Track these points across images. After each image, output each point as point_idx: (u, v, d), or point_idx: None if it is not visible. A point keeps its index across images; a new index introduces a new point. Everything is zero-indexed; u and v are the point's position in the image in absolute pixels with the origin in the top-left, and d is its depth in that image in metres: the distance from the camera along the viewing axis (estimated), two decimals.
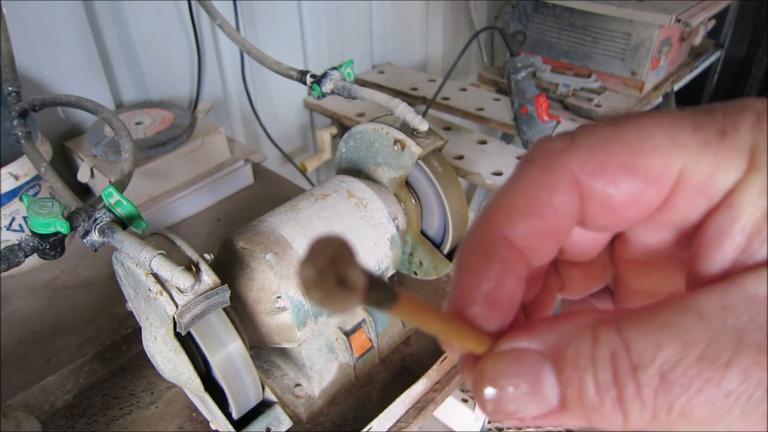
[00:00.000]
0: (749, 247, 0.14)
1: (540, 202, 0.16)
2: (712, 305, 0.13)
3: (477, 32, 1.02)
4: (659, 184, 0.15)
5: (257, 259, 0.46)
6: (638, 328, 0.13)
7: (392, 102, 0.53)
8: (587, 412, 0.14)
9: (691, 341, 0.13)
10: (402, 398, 0.52)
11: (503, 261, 0.16)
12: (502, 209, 0.17)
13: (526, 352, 0.15)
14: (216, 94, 1.04)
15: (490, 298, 0.16)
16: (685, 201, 0.16)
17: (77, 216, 0.41)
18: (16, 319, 0.64)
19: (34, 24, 0.75)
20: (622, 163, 0.15)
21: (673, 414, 0.13)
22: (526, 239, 0.16)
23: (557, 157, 0.16)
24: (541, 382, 0.14)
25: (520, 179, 0.17)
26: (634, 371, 0.13)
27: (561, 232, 0.17)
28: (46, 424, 0.53)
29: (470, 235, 0.17)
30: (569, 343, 0.14)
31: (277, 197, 0.85)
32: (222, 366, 0.42)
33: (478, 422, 1.27)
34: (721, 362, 0.12)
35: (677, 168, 0.15)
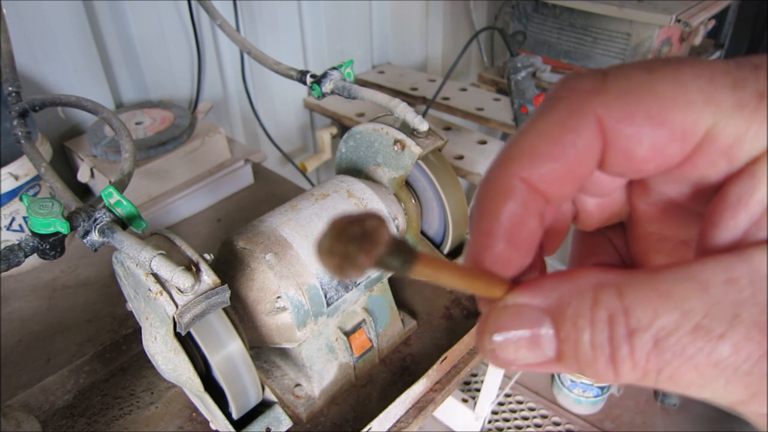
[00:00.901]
0: (763, 220, 0.14)
1: (563, 146, 0.16)
2: (715, 277, 0.13)
3: (477, 32, 1.02)
4: (683, 141, 0.15)
5: (257, 259, 0.46)
6: (639, 293, 0.14)
7: (392, 102, 0.53)
8: (581, 366, 0.15)
9: (689, 312, 0.13)
10: (402, 398, 0.52)
11: (523, 202, 0.16)
12: (524, 151, 0.16)
13: (528, 307, 0.15)
14: (216, 94, 1.04)
15: (512, 238, 0.17)
16: (707, 161, 0.15)
17: (77, 216, 0.41)
18: (16, 319, 0.64)
19: (34, 24, 0.75)
20: (650, 115, 0.15)
21: (662, 376, 0.13)
22: (547, 182, 0.16)
23: (585, 99, 0.16)
24: (540, 336, 0.15)
25: (544, 119, 0.16)
26: (629, 335, 0.14)
27: (582, 175, 0.16)
28: (46, 424, 0.53)
29: (489, 177, 0.17)
30: (570, 302, 0.15)
31: (277, 197, 0.85)
32: (222, 366, 0.42)
33: (478, 422, 1.27)
34: (715, 334, 0.13)
35: (705, 126, 0.14)
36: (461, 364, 0.59)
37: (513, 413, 1.48)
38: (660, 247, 0.20)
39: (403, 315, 0.62)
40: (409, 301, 0.66)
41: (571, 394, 1.43)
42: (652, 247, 0.20)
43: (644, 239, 0.20)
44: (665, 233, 0.20)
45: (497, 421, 1.46)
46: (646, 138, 0.15)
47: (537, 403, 1.50)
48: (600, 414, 1.47)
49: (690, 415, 1.47)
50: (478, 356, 0.60)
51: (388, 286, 0.58)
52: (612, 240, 0.22)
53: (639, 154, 0.15)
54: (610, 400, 1.48)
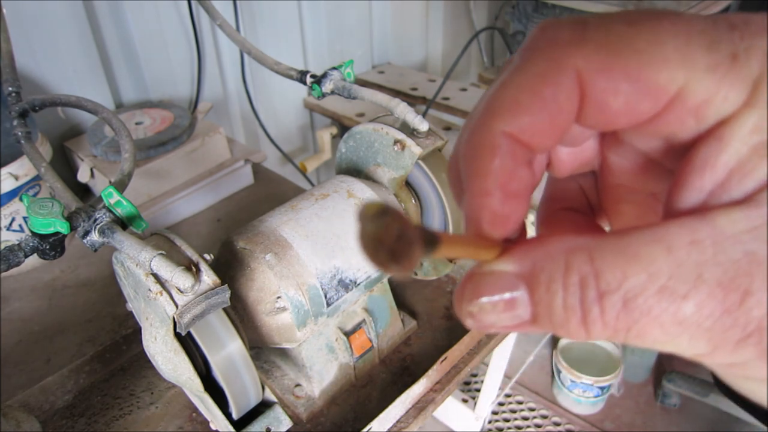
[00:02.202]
0: (728, 183, 0.15)
1: (545, 99, 0.16)
2: (680, 240, 0.14)
3: (477, 32, 1.02)
4: (656, 98, 0.15)
5: (257, 259, 0.46)
6: (608, 257, 0.14)
7: (392, 102, 0.53)
8: (554, 326, 0.15)
9: (655, 273, 0.14)
10: (402, 398, 0.52)
11: (511, 155, 0.17)
12: (505, 104, 0.17)
13: (504, 274, 0.16)
14: (216, 94, 1.04)
15: (506, 191, 0.17)
16: (677, 120, 0.15)
17: (77, 216, 0.41)
18: (16, 319, 0.64)
19: (34, 24, 0.75)
20: (626, 70, 0.15)
21: (631, 334, 0.14)
22: (529, 134, 0.16)
23: (564, 50, 0.16)
24: (516, 300, 0.16)
25: (523, 71, 0.16)
26: (600, 297, 0.14)
27: (562, 127, 0.17)
28: (46, 424, 0.53)
29: (473, 133, 0.17)
30: (543, 267, 0.15)
31: (277, 197, 0.85)
32: (222, 366, 0.42)
33: (478, 422, 1.27)
34: (679, 294, 0.13)
35: (678, 85, 0.15)
36: (461, 365, 0.59)
37: (513, 413, 1.48)
38: (629, 198, 0.20)
39: (403, 315, 0.62)
40: (409, 301, 0.66)
41: (571, 395, 1.43)
42: (622, 198, 0.21)
43: (614, 190, 0.21)
44: (635, 185, 0.20)
45: (497, 422, 1.46)
46: (621, 92, 0.15)
47: (537, 403, 1.50)
48: (600, 414, 1.47)
49: (690, 416, 1.47)
50: (478, 356, 0.60)
51: (388, 286, 0.58)
52: (583, 187, 0.22)
53: (613, 108, 0.16)
54: (610, 400, 1.48)
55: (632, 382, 1.54)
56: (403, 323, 0.61)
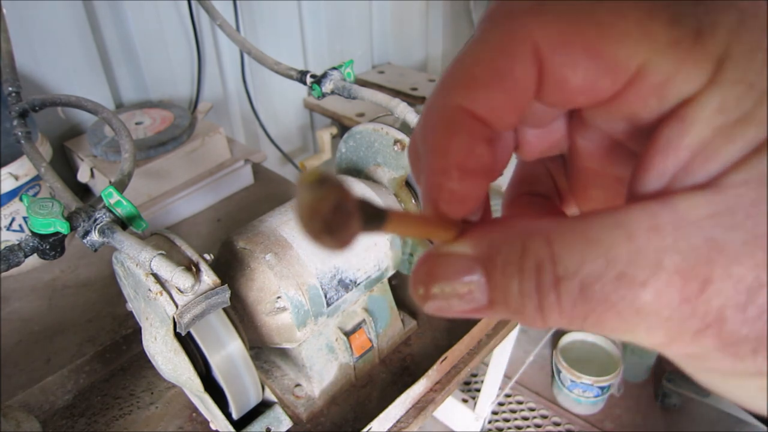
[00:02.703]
0: (690, 166, 0.14)
1: (501, 73, 0.15)
2: (640, 224, 0.13)
3: None
4: (615, 75, 0.14)
5: (257, 259, 0.46)
6: (567, 241, 0.14)
7: (392, 102, 0.53)
8: (511, 312, 0.15)
9: (613, 259, 0.13)
10: (402, 398, 0.52)
11: (469, 132, 0.16)
12: (462, 80, 0.16)
13: (460, 257, 0.15)
14: (216, 94, 1.04)
15: (464, 169, 0.16)
16: (638, 99, 0.15)
17: (77, 216, 0.41)
18: (16, 319, 0.64)
19: (34, 24, 0.75)
20: (585, 43, 0.14)
21: (588, 322, 0.14)
22: (487, 110, 0.16)
23: (522, 21, 0.15)
24: (471, 284, 0.15)
25: (480, 44, 0.16)
26: (556, 283, 0.14)
27: (521, 103, 0.16)
28: (46, 424, 0.53)
29: (430, 108, 0.17)
30: (499, 250, 0.15)
31: (277, 197, 0.85)
32: (222, 366, 0.42)
33: (478, 422, 1.27)
34: (637, 281, 0.13)
35: (638, 62, 0.14)
36: (461, 365, 0.59)
37: (513, 413, 1.48)
38: (597, 181, 0.20)
39: (403, 315, 0.62)
40: (409, 301, 0.66)
41: (571, 395, 1.43)
42: (590, 182, 0.20)
43: (582, 173, 0.20)
44: (602, 169, 0.19)
45: (497, 422, 1.46)
46: (579, 68, 0.14)
47: (537, 403, 1.50)
48: (600, 414, 1.47)
49: (690, 416, 1.47)
50: (478, 356, 0.60)
51: (388, 286, 0.58)
52: (551, 170, 0.22)
53: (572, 85, 0.15)
54: (610, 400, 1.48)
55: (632, 382, 1.54)
56: (403, 323, 0.61)
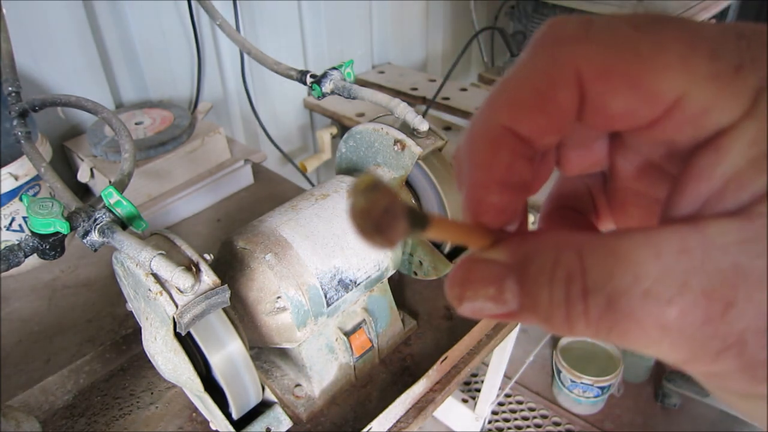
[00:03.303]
0: (723, 193, 0.14)
1: (544, 97, 0.16)
2: (670, 245, 0.14)
3: (477, 32, 1.02)
4: (653, 105, 0.15)
5: (257, 259, 0.46)
6: (597, 255, 0.14)
7: (392, 102, 0.53)
8: (540, 319, 0.15)
9: (641, 276, 0.14)
10: (402, 398, 0.52)
11: (511, 150, 0.17)
12: (507, 101, 0.17)
13: (495, 263, 0.16)
14: (216, 94, 1.04)
15: (505, 185, 0.17)
16: (675, 127, 0.15)
17: (77, 216, 0.41)
18: (16, 319, 0.64)
19: (34, 24, 0.75)
20: (628, 74, 0.15)
21: (612, 333, 0.14)
22: (529, 131, 0.17)
23: (568, 48, 0.16)
24: (504, 290, 0.16)
25: (526, 68, 0.17)
26: (585, 294, 0.14)
27: (562, 126, 0.17)
28: (46, 424, 0.53)
29: (475, 126, 0.18)
30: (533, 260, 0.16)
31: (277, 197, 0.85)
32: (222, 366, 0.42)
33: (478, 422, 1.27)
34: (664, 299, 0.13)
35: (677, 93, 0.15)
36: (461, 365, 0.59)
37: (513, 413, 1.48)
38: (635, 200, 0.21)
39: (403, 315, 0.62)
40: (409, 301, 0.66)
41: (571, 395, 1.43)
42: (628, 200, 0.21)
43: (621, 191, 0.21)
44: (641, 189, 0.20)
45: (497, 422, 1.46)
46: (619, 96, 0.15)
47: (537, 403, 1.50)
48: (600, 414, 1.47)
49: (690, 416, 1.47)
50: (479, 356, 0.60)
51: (388, 286, 0.58)
52: (591, 187, 0.23)
53: (611, 111, 0.16)
54: (610, 400, 1.48)
55: (632, 382, 1.54)
56: (403, 323, 0.61)
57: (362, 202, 0.14)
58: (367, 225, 0.14)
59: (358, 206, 0.14)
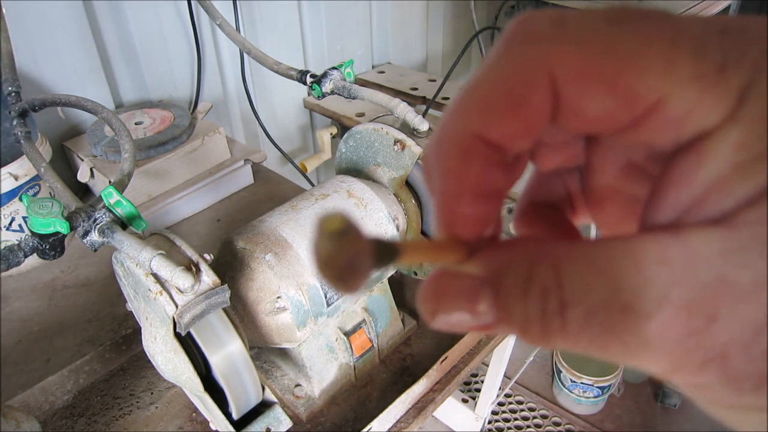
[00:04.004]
0: (705, 201, 0.14)
1: (516, 102, 0.15)
2: (649, 256, 0.13)
3: (477, 32, 1.02)
4: (633, 107, 0.14)
5: (257, 259, 0.46)
6: (574, 268, 0.14)
7: (392, 102, 0.53)
8: (516, 332, 0.15)
9: (620, 289, 0.13)
10: (402, 398, 0.52)
11: (482, 158, 0.16)
12: (477, 105, 0.16)
13: (469, 277, 0.16)
14: (216, 94, 1.04)
15: (479, 195, 0.17)
16: (655, 130, 0.15)
17: (77, 216, 0.41)
18: (16, 319, 0.64)
19: (34, 24, 0.75)
20: (604, 75, 0.14)
21: (592, 347, 0.14)
22: (500, 136, 0.16)
23: (540, 47, 0.15)
24: (478, 303, 0.15)
25: (496, 70, 0.16)
26: (562, 308, 0.14)
27: (536, 131, 0.16)
28: (46, 424, 0.53)
29: (443, 132, 0.17)
30: (506, 273, 0.15)
31: (277, 197, 0.85)
32: (222, 366, 0.42)
33: (478, 422, 1.27)
34: (643, 313, 0.13)
35: (658, 94, 0.14)
36: (461, 365, 0.59)
37: (513, 413, 1.48)
38: (613, 197, 0.20)
39: (404, 315, 0.62)
40: (409, 301, 0.66)
41: (571, 395, 1.43)
42: (605, 197, 0.20)
43: (598, 188, 0.20)
44: (618, 186, 0.19)
45: (497, 422, 1.46)
46: (596, 99, 0.15)
47: (537, 404, 1.50)
48: (600, 414, 1.47)
49: (690, 415, 1.47)
50: (479, 356, 0.60)
51: (388, 286, 0.58)
52: (566, 181, 0.22)
53: (587, 115, 0.15)
54: (610, 400, 1.48)
55: (632, 382, 1.54)
56: (403, 323, 0.61)
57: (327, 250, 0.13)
58: (331, 274, 0.14)
59: (322, 254, 0.14)
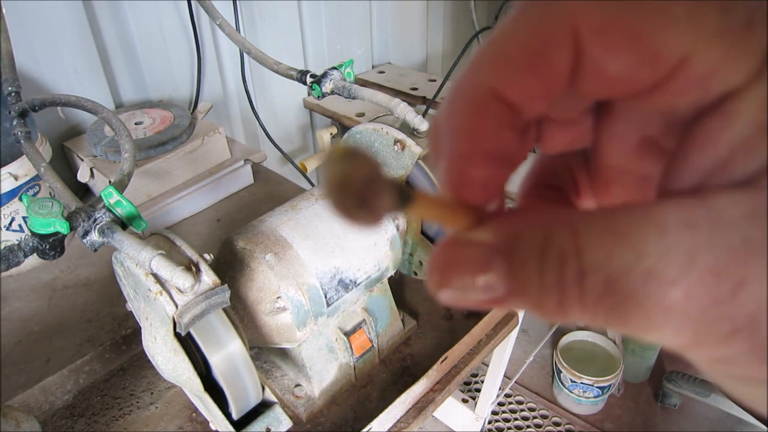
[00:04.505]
0: (730, 162, 0.13)
1: (536, 57, 0.15)
2: (674, 220, 0.13)
3: (477, 32, 1.02)
4: (657, 65, 0.14)
5: (257, 259, 0.46)
6: (593, 233, 0.13)
7: (392, 102, 0.53)
8: (530, 305, 0.14)
9: (643, 254, 0.12)
10: (402, 398, 0.52)
11: (497, 117, 0.15)
12: (495, 60, 0.15)
13: (480, 245, 0.15)
14: (216, 94, 1.04)
15: (490, 158, 0.16)
16: (679, 89, 0.14)
17: (77, 216, 0.41)
18: (16, 319, 0.64)
19: (34, 24, 0.75)
20: (629, 29, 0.13)
21: (611, 318, 0.13)
22: (518, 94, 0.15)
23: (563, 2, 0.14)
24: (490, 273, 0.14)
25: (516, 25, 0.15)
26: (580, 276, 0.13)
27: (555, 91, 0.15)
28: (46, 424, 0.53)
29: (458, 90, 0.16)
30: (521, 240, 0.14)
31: (277, 197, 0.85)
32: (222, 366, 0.42)
33: (478, 422, 1.27)
34: (667, 279, 0.12)
35: (682, 51, 0.13)
36: (461, 365, 0.59)
37: (513, 413, 1.48)
38: (620, 178, 0.19)
39: (404, 315, 0.62)
40: (409, 301, 0.66)
41: (572, 395, 1.43)
42: (613, 178, 0.19)
43: (605, 169, 0.19)
44: (628, 166, 0.19)
45: (497, 422, 1.46)
46: (619, 56, 0.14)
47: (537, 404, 1.50)
48: (600, 414, 1.47)
49: (690, 416, 1.47)
50: (479, 356, 0.60)
51: (388, 286, 0.58)
52: (570, 163, 0.21)
53: (609, 73, 0.14)
54: (610, 400, 1.48)
55: (632, 382, 1.54)
56: (403, 323, 0.61)
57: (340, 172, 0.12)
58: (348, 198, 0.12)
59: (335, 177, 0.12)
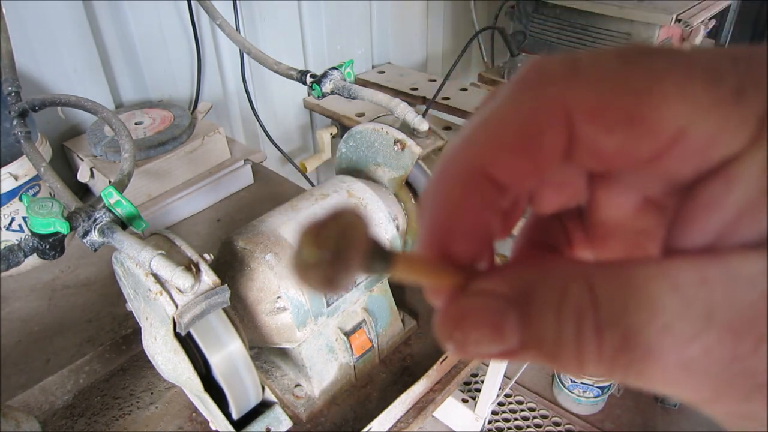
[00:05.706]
0: (738, 224, 0.14)
1: (529, 139, 0.15)
2: (688, 277, 0.13)
3: (477, 32, 1.02)
4: (655, 139, 0.14)
5: (257, 259, 0.46)
6: (609, 287, 0.13)
7: (392, 102, 0.53)
8: (545, 357, 0.14)
9: (660, 310, 0.13)
10: (402, 398, 0.52)
11: (484, 197, 0.16)
12: (487, 140, 0.16)
13: (492, 295, 0.15)
14: (216, 94, 1.04)
15: (471, 236, 0.16)
16: (678, 160, 0.14)
17: (77, 216, 0.41)
18: (16, 319, 0.64)
19: (34, 24, 0.75)
20: (621, 110, 0.14)
21: (629, 372, 0.13)
22: (509, 176, 0.15)
23: (555, 86, 0.15)
24: (504, 326, 0.14)
25: (510, 105, 0.15)
26: (599, 330, 0.13)
27: (543, 169, 0.16)
28: (46, 424, 0.53)
29: (449, 162, 0.16)
30: (536, 291, 0.14)
31: (277, 197, 0.85)
32: (222, 366, 0.42)
33: (478, 422, 1.27)
34: (686, 335, 0.12)
35: (679, 124, 0.14)
36: (461, 365, 0.59)
37: (513, 413, 1.48)
38: (617, 233, 0.19)
39: (404, 315, 0.62)
40: (409, 301, 0.66)
41: (572, 395, 1.43)
42: (609, 233, 0.20)
43: (603, 225, 0.20)
44: (625, 221, 0.19)
45: (497, 422, 1.46)
46: (615, 134, 0.14)
47: (537, 403, 1.50)
48: (600, 414, 1.47)
49: (690, 416, 1.47)
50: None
51: (388, 286, 0.58)
52: (564, 219, 0.21)
53: (606, 151, 0.15)
54: (610, 400, 1.48)
55: None
56: (403, 323, 0.61)
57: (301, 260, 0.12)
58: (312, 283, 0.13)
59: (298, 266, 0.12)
